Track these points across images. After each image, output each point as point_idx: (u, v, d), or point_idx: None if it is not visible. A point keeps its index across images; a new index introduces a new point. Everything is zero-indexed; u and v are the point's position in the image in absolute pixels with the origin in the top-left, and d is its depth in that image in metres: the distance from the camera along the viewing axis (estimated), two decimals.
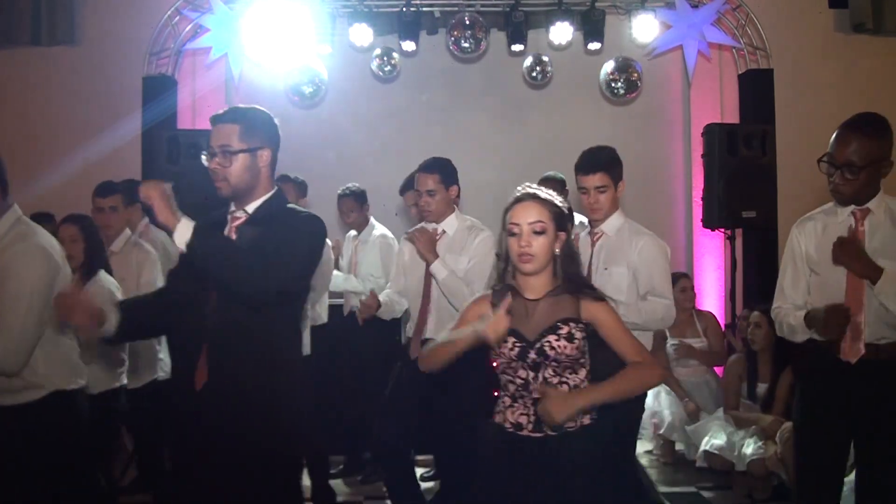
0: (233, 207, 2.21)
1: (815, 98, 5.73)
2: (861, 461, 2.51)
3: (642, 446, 4.54)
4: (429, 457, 4.27)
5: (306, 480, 3.67)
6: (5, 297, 2.20)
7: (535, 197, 2.05)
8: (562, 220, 2.06)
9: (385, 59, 5.55)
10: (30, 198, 4.88)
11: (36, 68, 5.57)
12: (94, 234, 3.16)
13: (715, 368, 4.69)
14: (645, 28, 5.33)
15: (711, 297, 5.66)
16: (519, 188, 2.10)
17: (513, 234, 2.03)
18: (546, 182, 4.06)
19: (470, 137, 5.81)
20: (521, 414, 2.04)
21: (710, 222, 5.10)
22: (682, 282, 4.74)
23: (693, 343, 4.60)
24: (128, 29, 5.44)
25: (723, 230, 5.22)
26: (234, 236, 2.15)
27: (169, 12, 5.29)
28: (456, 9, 5.40)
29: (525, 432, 2.03)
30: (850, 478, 3.27)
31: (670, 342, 4.62)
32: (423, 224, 3.33)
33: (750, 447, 3.81)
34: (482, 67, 5.88)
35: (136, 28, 5.37)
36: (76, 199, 4.72)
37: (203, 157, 2.17)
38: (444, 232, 3.27)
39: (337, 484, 4.16)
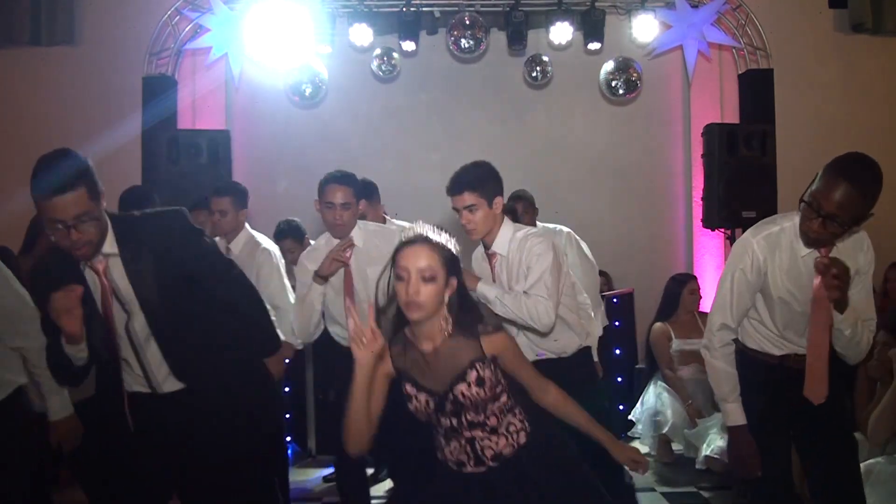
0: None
1: (815, 98, 5.74)
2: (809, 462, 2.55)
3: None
4: None
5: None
6: None
7: (426, 240, 1.90)
8: (454, 264, 1.92)
9: (385, 59, 5.55)
10: (30, 198, 4.88)
11: (36, 68, 5.57)
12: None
13: None
14: (645, 28, 5.34)
15: (711, 297, 5.65)
16: (410, 228, 1.95)
17: (400, 279, 1.87)
18: (517, 200, 3.96)
19: (470, 137, 5.82)
20: (461, 452, 1.98)
21: (710, 222, 5.11)
22: (690, 284, 4.74)
23: (697, 346, 4.58)
24: (128, 29, 5.44)
25: (723, 230, 5.23)
26: (118, 275, 2.20)
27: (169, 12, 5.29)
28: (456, 9, 5.40)
29: (469, 469, 1.98)
30: None
31: (675, 344, 4.61)
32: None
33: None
34: (482, 67, 5.88)
35: (136, 28, 5.37)
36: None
37: (69, 228, 2.06)
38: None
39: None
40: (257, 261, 3.37)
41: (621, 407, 4.85)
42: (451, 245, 1.93)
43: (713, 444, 4.08)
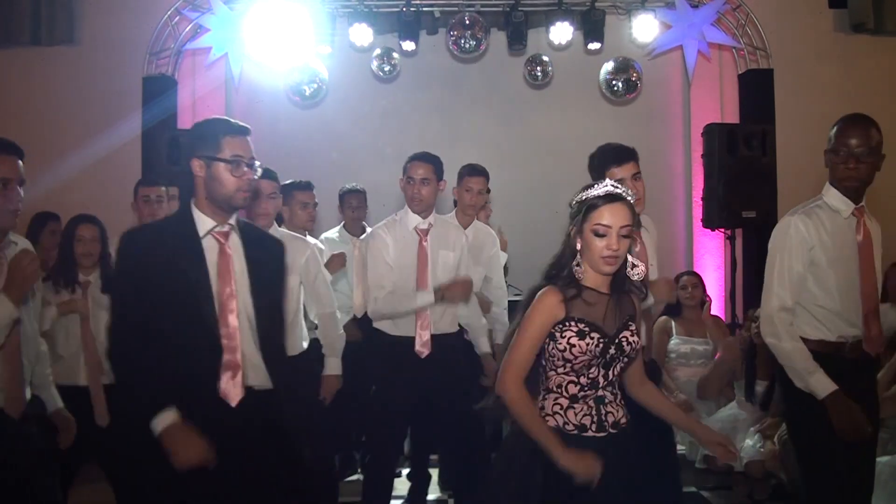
0: (210, 223, 2.15)
1: (815, 98, 5.73)
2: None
3: None
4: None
5: None
6: None
7: (622, 199, 2.01)
8: (636, 224, 2.06)
9: (385, 58, 5.55)
10: (30, 198, 4.87)
11: (36, 68, 5.57)
12: (106, 234, 3.20)
13: None
14: (645, 28, 5.34)
15: (711, 297, 5.66)
16: (602, 185, 2.04)
17: (600, 235, 1.98)
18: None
19: (470, 137, 5.82)
20: (585, 415, 2.01)
21: (710, 222, 5.11)
22: (690, 278, 4.70)
23: (698, 346, 4.57)
24: (128, 29, 5.44)
25: (723, 230, 5.23)
26: (236, 249, 2.15)
27: (169, 12, 5.29)
28: (456, 9, 5.40)
29: (590, 433, 2.01)
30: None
31: (675, 341, 4.59)
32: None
33: (748, 450, 3.80)
34: (482, 67, 5.88)
35: (136, 28, 5.37)
36: (77, 199, 4.72)
37: (245, 168, 2.12)
38: (430, 225, 3.30)
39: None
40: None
41: None
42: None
43: None
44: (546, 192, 4.96)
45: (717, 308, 5.46)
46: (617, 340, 2.02)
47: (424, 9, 5.43)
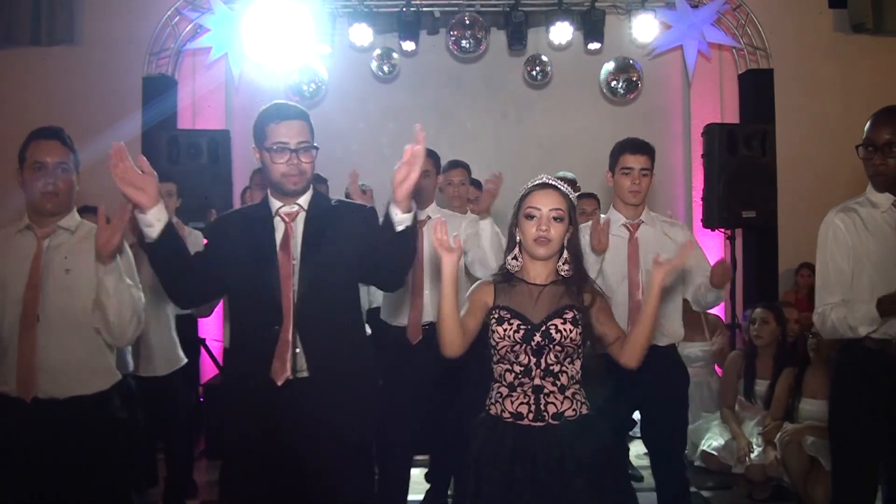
0: (279, 203, 2.21)
1: (815, 98, 5.73)
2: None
3: (641, 447, 4.53)
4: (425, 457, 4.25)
5: None
6: None
7: (555, 187, 2.10)
8: (574, 213, 2.11)
9: (385, 58, 5.55)
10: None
11: (36, 68, 5.57)
12: None
13: (717, 369, 4.68)
14: (645, 28, 5.34)
15: None
16: (536, 178, 2.15)
17: (531, 217, 2.06)
18: (586, 197, 4.17)
19: (470, 137, 5.82)
20: (521, 403, 2.04)
21: (710, 222, 5.10)
22: None
23: (701, 346, 4.57)
24: (128, 29, 5.44)
25: (723, 230, 5.23)
26: (297, 229, 2.20)
27: (169, 12, 5.29)
28: (456, 9, 5.41)
29: (526, 421, 2.03)
30: None
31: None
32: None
33: (752, 452, 3.80)
34: (482, 67, 5.88)
35: (136, 28, 5.37)
36: (76, 199, 4.72)
37: (289, 154, 2.16)
38: (428, 217, 3.32)
39: None
40: None
41: None
42: (572, 196, 2.12)
43: (712, 440, 4.08)
44: None
45: (717, 308, 5.46)
46: (544, 328, 2.03)
47: (424, 9, 5.44)
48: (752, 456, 3.78)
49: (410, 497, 3.54)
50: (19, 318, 2.18)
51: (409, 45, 5.44)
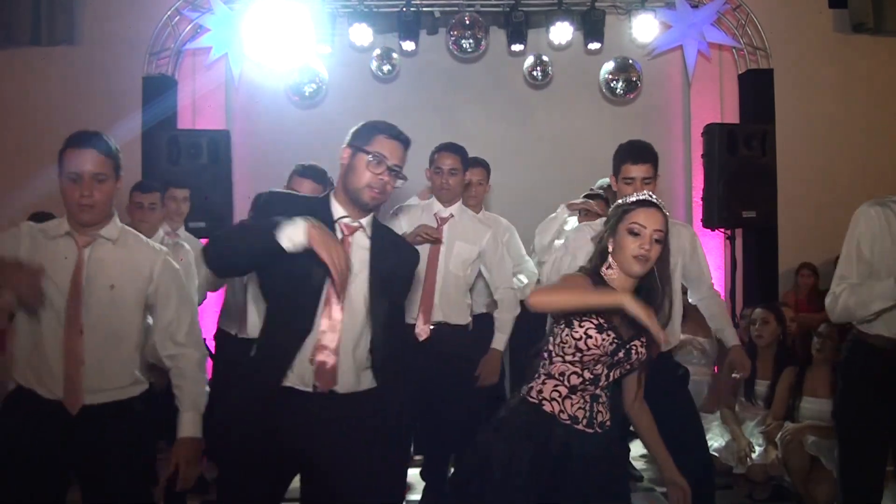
0: (342, 213, 2.15)
1: (815, 98, 5.73)
2: None
3: (641, 448, 4.53)
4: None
5: None
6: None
7: (659, 207, 2.11)
8: (668, 237, 2.12)
9: (385, 58, 5.55)
10: (30, 198, 4.88)
11: (36, 68, 5.57)
12: None
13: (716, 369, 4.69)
14: (645, 28, 5.34)
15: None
16: (638, 195, 2.16)
17: (634, 234, 2.06)
18: (593, 197, 4.11)
19: (470, 137, 5.76)
20: (580, 408, 2.08)
21: (710, 222, 5.10)
22: None
23: (705, 343, 4.57)
24: (128, 29, 5.44)
25: (723, 230, 5.23)
26: (356, 247, 2.14)
27: (169, 12, 5.29)
28: (456, 9, 5.40)
29: (580, 427, 2.07)
30: None
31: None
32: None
33: (753, 452, 3.80)
34: (482, 67, 5.87)
35: (136, 28, 5.37)
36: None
37: (384, 169, 2.11)
38: (451, 215, 3.32)
39: None
40: None
41: None
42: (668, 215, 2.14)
43: (712, 441, 4.08)
44: (546, 192, 4.94)
45: None
46: (628, 346, 2.07)
47: (424, 9, 5.43)
48: (753, 456, 3.78)
49: (409, 497, 3.54)
50: (63, 330, 2.15)
51: (409, 45, 5.44)
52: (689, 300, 3.14)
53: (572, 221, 3.99)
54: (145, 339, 2.34)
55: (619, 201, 2.18)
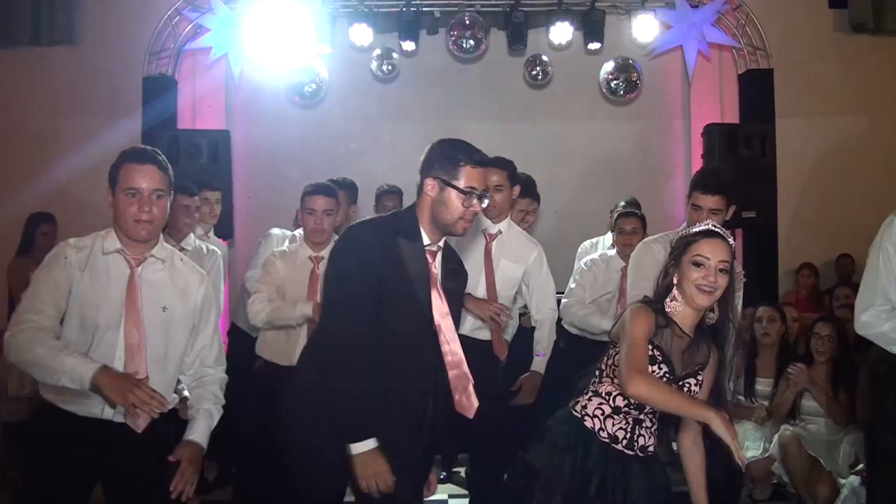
0: (428, 241, 2.17)
1: (815, 98, 5.74)
2: None
3: None
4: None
5: None
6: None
7: (723, 238, 2.09)
8: (734, 268, 2.10)
9: (385, 59, 5.55)
10: (30, 198, 4.88)
11: (36, 68, 5.57)
12: None
13: None
14: (645, 28, 5.33)
15: None
16: (702, 225, 2.14)
17: (698, 265, 2.05)
18: (627, 215, 4.08)
19: (470, 137, 5.68)
20: (620, 428, 2.09)
21: None
22: None
23: None
24: (128, 29, 5.44)
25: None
26: (438, 268, 2.19)
27: (169, 12, 5.28)
28: (456, 9, 5.40)
29: (619, 447, 2.08)
30: (849, 479, 3.29)
31: None
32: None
33: (750, 450, 3.80)
34: (482, 67, 5.87)
35: (136, 28, 5.37)
36: (76, 200, 4.72)
37: (475, 200, 2.14)
38: (500, 232, 3.27)
39: None
40: None
41: None
42: (732, 244, 2.11)
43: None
44: (546, 192, 4.91)
45: None
46: (680, 382, 2.07)
47: (424, 9, 5.43)
48: (749, 455, 3.77)
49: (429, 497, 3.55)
50: (123, 350, 2.13)
51: (409, 45, 5.44)
52: None
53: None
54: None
55: (683, 233, 2.16)
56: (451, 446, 4.04)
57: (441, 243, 2.20)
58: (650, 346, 2.03)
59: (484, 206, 2.17)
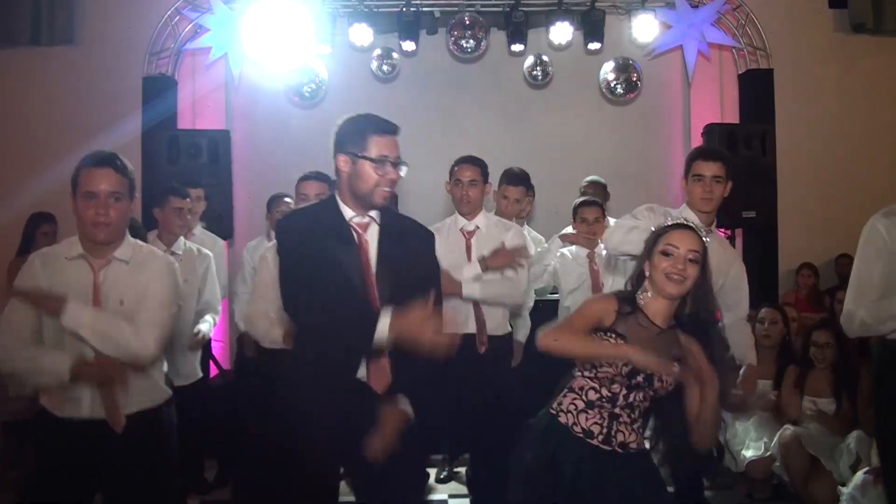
0: (352, 213, 2.19)
1: (815, 98, 5.74)
2: None
3: None
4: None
5: None
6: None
7: (693, 230, 2.12)
8: (707, 261, 2.10)
9: (385, 58, 5.55)
10: (30, 198, 4.88)
11: (36, 68, 5.57)
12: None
13: None
14: (645, 28, 5.34)
15: None
16: (675, 218, 2.22)
17: (667, 255, 2.06)
18: (593, 185, 4.18)
19: (470, 137, 5.81)
20: (595, 423, 2.08)
21: None
22: None
23: None
24: (128, 29, 5.44)
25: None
26: (372, 241, 2.19)
27: (169, 12, 5.29)
28: (456, 9, 5.40)
29: (595, 442, 2.07)
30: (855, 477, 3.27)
31: None
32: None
33: (750, 450, 3.80)
34: (482, 67, 5.87)
35: (136, 28, 5.37)
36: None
37: (389, 168, 2.19)
38: (477, 227, 3.30)
39: None
40: None
41: None
42: (706, 241, 2.13)
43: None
44: (546, 192, 4.94)
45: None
46: (649, 372, 2.04)
47: (424, 9, 5.43)
48: (749, 455, 3.77)
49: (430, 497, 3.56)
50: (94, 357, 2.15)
51: (409, 45, 5.44)
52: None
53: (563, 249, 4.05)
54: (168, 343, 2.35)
55: (653, 228, 2.17)
56: (451, 445, 4.04)
57: (374, 212, 2.21)
58: (608, 334, 2.04)
59: (402, 174, 2.20)
